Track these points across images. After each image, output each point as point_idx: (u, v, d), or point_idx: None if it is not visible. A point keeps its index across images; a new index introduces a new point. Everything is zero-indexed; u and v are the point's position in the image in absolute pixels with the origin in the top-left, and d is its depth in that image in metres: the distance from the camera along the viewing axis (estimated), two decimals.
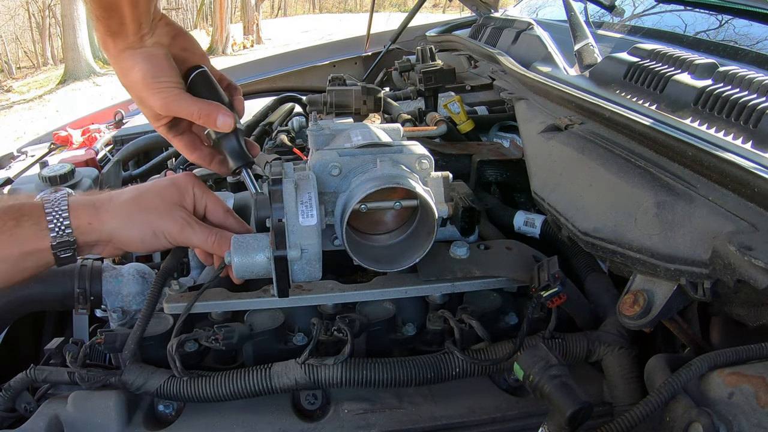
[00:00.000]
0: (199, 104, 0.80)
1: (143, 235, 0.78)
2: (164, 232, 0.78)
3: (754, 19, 1.13)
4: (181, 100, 0.79)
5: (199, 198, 0.84)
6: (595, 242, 0.76)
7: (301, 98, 1.96)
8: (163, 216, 0.78)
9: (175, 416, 0.80)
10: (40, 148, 2.11)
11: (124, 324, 0.85)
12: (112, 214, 0.77)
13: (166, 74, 0.79)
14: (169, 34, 0.81)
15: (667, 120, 0.84)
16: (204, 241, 0.79)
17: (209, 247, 0.79)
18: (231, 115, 0.82)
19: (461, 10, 5.79)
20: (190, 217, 0.80)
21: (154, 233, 0.78)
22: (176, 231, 0.78)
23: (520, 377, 0.62)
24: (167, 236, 0.78)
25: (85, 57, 13.86)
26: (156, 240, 0.78)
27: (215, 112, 0.81)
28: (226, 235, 0.80)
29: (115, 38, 0.76)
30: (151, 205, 0.79)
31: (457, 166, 1.27)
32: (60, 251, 0.73)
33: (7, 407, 0.81)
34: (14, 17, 20.81)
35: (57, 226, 0.73)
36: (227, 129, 0.82)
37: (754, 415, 0.53)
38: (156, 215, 0.78)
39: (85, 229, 0.75)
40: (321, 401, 0.81)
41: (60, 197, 0.75)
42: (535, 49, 1.50)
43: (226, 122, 0.81)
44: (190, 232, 0.79)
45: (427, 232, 0.79)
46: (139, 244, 0.78)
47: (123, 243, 0.78)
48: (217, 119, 0.81)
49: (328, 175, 0.80)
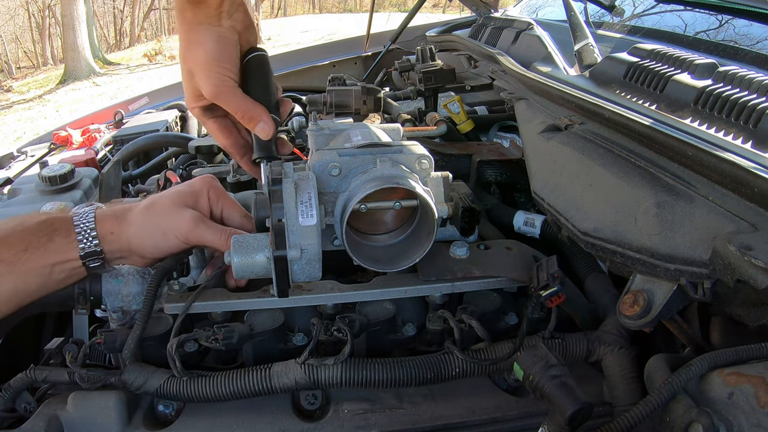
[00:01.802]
0: (246, 104, 0.81)
1: (154, 239, 0.79)
2: (174, 231, 0.79)
3: (754, 19, 1.13)
4: (232, 93, 0.80)
5: (214, 201, 0.85)
6: (595, 242, 0.76)
7: (301, 98, 1.96)
8: (173, 217, 0.79)
9: (175, 416, 0.80)
10: (40, 148, 2.11)
11: (124, 324, 0.85)
12: (129, 222, 0.80)
13: (229, 61, 0.80)
14: (244, 22, 0.82)
15: (667, 120, 0.84)
16: (217, 238, 0.80)
17: (222, 245, 0.80)
18: (272, 124, 0.83)
19: (461, 10, 5.79)
20: (201, 217, 0.81)
21: (164, 234, 0.79)
22: (187, 229, 0.79)
23: (520, 377, 0.62)
24: (177, 235, 0.79)
25: (85, 57, 13.86)
26: (167, 241, 0.79)
27: (258, 118, 0.81)
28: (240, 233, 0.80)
29: (196, 8, 0.77)
30: (162, 209, 0.80)
31: (457, 166, 1.27)
32: (89, 261, 0.77)
33: (7, 407, 0.81)
34: (14, 17, 20.82)
35: (85, 237, 0.76)
36: (265, 137, 0.83)
37: (754, 415, 0.53)
38: (165, 218, 0.79)
39: (109, 239, 0.78)
40: (321, 401, 0.81)
41: (88, 210, 0.79)
42: (535, 49, 1.50)
43: (265, 130, 0.82)
44: (203, 229, 0.79)
45: (427, 232, 0.79)
46: (153, 249, 0.80)
47: (139, 250, 0.80)
48: (257, 125, 0.81)
49: (328, 175, 0.80)
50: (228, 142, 0.88)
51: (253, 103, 0.81)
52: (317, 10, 24.32)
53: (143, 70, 14.58)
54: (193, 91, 0.83)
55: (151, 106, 2.47)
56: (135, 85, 11.85)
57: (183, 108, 2.24)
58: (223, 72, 0.79)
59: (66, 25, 13.62)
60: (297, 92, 2.16)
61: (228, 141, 0.87)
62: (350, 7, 23.53)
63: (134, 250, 0.80)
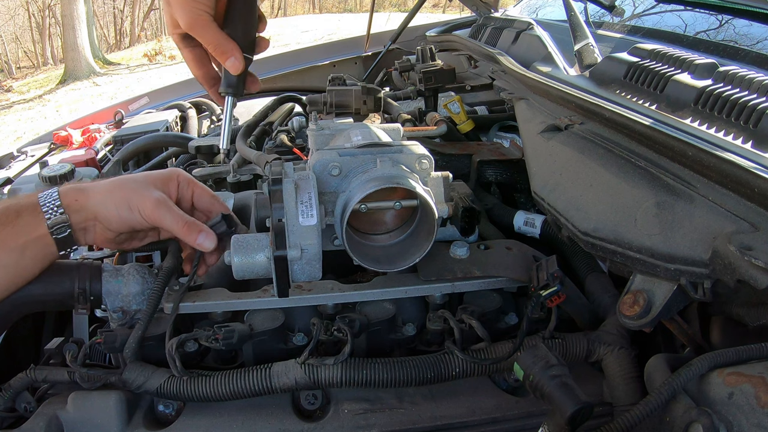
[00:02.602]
0: (219, 38, 0.83)
1: (120, 209, 0.80)
2: (139, 207, 0.80)
3: (754, 19, 1.13)
4: (206, 26, 0.82)
5: (184, 187, 0.88)
6: (595, 242, 0.76)
7: (301, 98, 1.96)
8: (140, 193, 0.81)
9: (175, 416, 0.80)
10: (40, 148, 2.11)
11: (124, 324, 0.85)
12: (96, 191, 0.82)
13: None
14: None
15: (667, 120, 0.84)
16: (175, 222, 0.81)
17: (178, 230, 0.81)
18: (241, 61, 0.85)
19: (461, 10, 5.79)
20: (167, 200, 0.83)
21: (129, 207, 0.81)
22: (150, 207, 0.80)
23: (520, 377, 0.62)
24: (141, 212, 0.81)
25: (85, 57, 13.85)
26: (131, 215, 0.81)
27: (229, 53, 0.84)
28: (197, 224, 0.82)
29: None
30: (132, 184, 0.83)
31: (457, 166, 1.27)
32: (55, 231, 0.77)
33: (7, 407, 0.81)
34: (14, 17, 20.81)
35: (49, 207, 0.78)
36: (233, 72, 0.86)
37: (754, 415, 0.53)
38: (134, 192, 0.82)
39: (74, 207, 0.79)
40: (321, 401, 0.81)
41: (53, 188, 0.81)
42: (535, 49, 1.50)
43: (234, 65, 0.85)
44: (163, 211, 0.81)
45: (427, 232, 0.79)
46: (118, 221, 0.81)
47: (103, 218, 0.81)
48: (228, 60, 0.84)
49: (328, 175, 0.80)
50: (200, 72, 0.90)
51: (225, 38, 0.83)
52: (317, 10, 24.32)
53: (143, 70, 14.57)
54: (170, 19, 0.85)
55: (151, 106, 2.47)
56: (135, 85, 11.85)
57: (183, 108, 2.24)
58: (197, 6, 0.81)
59: (66, 25, 13.61)
60: (297, 92, 2.15)
61: (200, 71, 0.90)
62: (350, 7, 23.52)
63: (100, 218, 0.81)
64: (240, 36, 0.85)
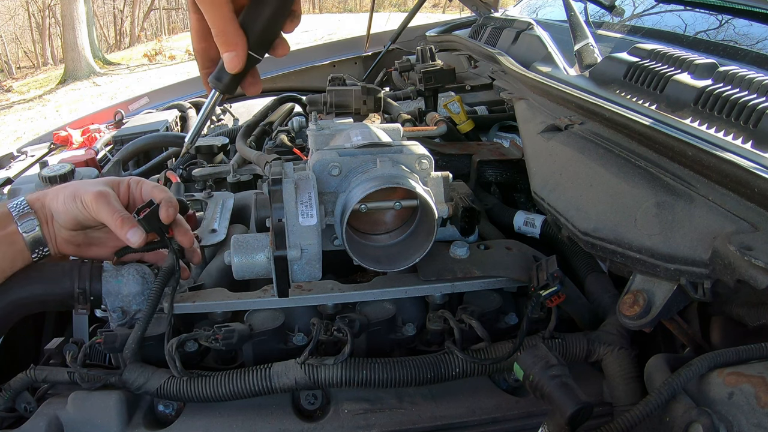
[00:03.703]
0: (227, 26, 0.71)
1: (67, 202, 0.83)
2: (82, 197, 0.82)
3: (754, 19, 1.13)
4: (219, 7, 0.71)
5: (134, 187, 0.90)
6: (595, 242, 0.76)
7: (301, 98, 1.96)
8: (86, 186, 0.84)
9: (175, 416, 0.80)
10: (40, 148, 2.11)
11: (124, 324, 0.85)
12: (52, 190, 0.86)
13: None
14: None
15: (667, 120, 0.84)
16: (110, 215, 0.82)
17: (112, 223, 0.82)
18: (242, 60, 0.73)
19: (461, 10, 5.79)
20: (110, 194, 0.84)
21: (73, 196, 0.83)
22: (90, 198, 0.82)
23: (520, 377, 0.62)
24: (84, 202, 0.82)
25: (85, 57, 13.85)
26: (75, 206, 0.83)
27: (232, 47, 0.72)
28: (131, 218, 0.83)
29: None
30: (83, 182, 0.86)
31: (457, 166, 1.28)
32: (24, 227, 0.81)
33: (7, 407, 0.81)
34: (14, 17, 20.81)
35: (17, 210, 0.83)
36: (228, 69, 0.74)
37: (754, 415, 0.53)
38: (81, 185, 0.85)
39: (37, 206, 0.84)
40: (321, 401, 0.81)
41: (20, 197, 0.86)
42: (535, 49, 1.50)
43: (232, 62, 0.74)
44: (102, 204, 0.82)
45: (427, 232, 0.79)
46: (64, 213, 0.83)
47: (55, 212, 0.84)
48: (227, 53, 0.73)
49: (328, 175, 0.80)
50: (200, 46, 0.79)
51: (234, 27, 0.71)
52: (317, 10, 24.33)
53: (143, 70, 14.57)
54: None
55: (151, 106, 2.47)
56: (135, 85, 11.85)
57: (183, 108, 2.24)
58: None
59: (66, 25, 13.60)
60: (297, 92, 2.16)
61: (200, 45, 0.79)
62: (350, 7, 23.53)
63: (55, 216, 0.84)
64: (255, 29, 0.72)
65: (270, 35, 0.73)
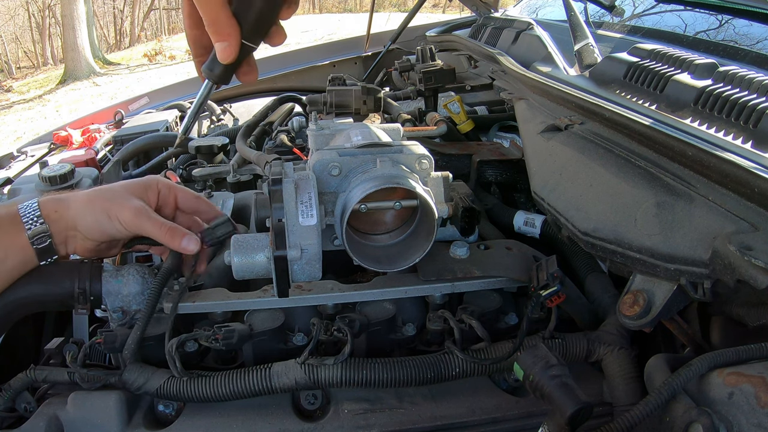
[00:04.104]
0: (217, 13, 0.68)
1: (100, 220, 0.80)
2: (119, 217, 0.80)
3: (754, 19, 1.13)
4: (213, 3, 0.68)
5: (165, 193, 0.87)
6: (595, 242, 0.76)
7: (301, 98, 1.96)
8: (119, 202, 0.81)
9: (175, 416, 0.80)
10: (40, 148, 2.11)
11: (124, 324, 0.85)
12: (74, 201, 0.81)
13: None
14: None
15: (667, 120, 0.84)
16: (156, 229, 0.81)
17: (161, 237, 0.81)
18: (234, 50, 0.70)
19: (461, 10, 5.79)
20: (146, 208, 0.82)
21: (108, 217, 0.80)
22: (130, 216, 0.80)
23: (520, 377, 0.62)
24: (122, 221, 0.80)
25: (85, 57, 13.85)
26: (111, 225, 0.80)
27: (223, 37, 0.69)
28: (179, 229, 0.82)
29: None
30: (111, 194, 0.82)
31: (457, 166, 1.27)
32: (36, 241, 0.78)
33: (7, 407, 0.81)
34: (14, 17, 20.81)
35: (29, 218, 0.78)
36: (221, 60, 0.71)
37: (754, 415, 0.53)
38: (112, 202, 0.81)
39: (53, 218, 0.79)
40: (321, 401, 0.81)
41: (32, 200, 0.81)
42: (535, 49, 1.50)
43: (224, 53, 0.71)
44: (144, 219, 0.81)
45: (427, 232, 0.79)
46: (98, 231, 0.81)
47: (83, 228, 0.80)
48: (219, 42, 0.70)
49: (328, 175, 0.80)
50: (193, 34, 0.75)
51: (226, 16, 0.68)
52: (317, 10, 24.33)
53: (143, 70, 14.57)
54: None
55: (151, 106, 2.47)
56: (135, 85, 11.85)
57: (183, 108, 2.24)
58: None
59: (66, 25, 13.60)
60: (297, 92, 2.15)
61: (193, 33, 0.75)
62: (350, 7, 23.53)
63: (80, 228, 0.80)
64: (249, 18, 0.68)
65: (265, 23, 0.70)
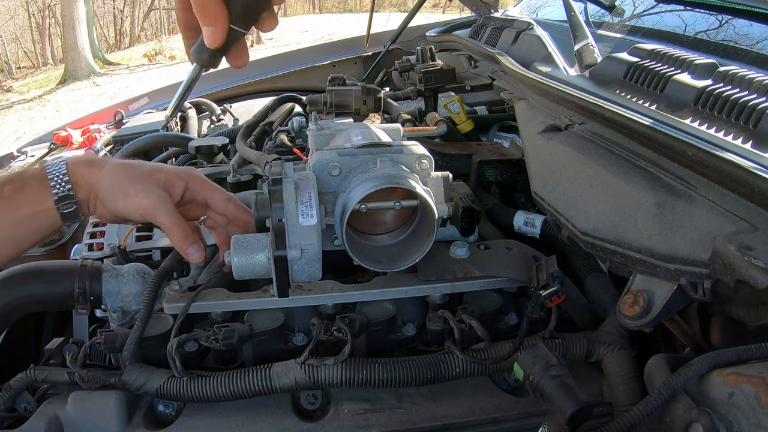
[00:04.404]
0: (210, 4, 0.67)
1: (117, 196, 0.79)
2: (135, 201, 0.79)
3: (754, 19, 1.13)
4: None
5: (195, 188, 0.85)
6: (595, 242, 0.76)
7: (301, 98, 1.96)
8: (142, 188, 0.79)
9: (175, 416, 0.80)
10: (40, 148, 2.12)
11: (124, 324, 0.85)
12: (102, 171, 0.80)
13: None
14: None
15: (667, 120, 0.84)
16: (170, 227, 0.80)
17: (172, 235, 0.80)
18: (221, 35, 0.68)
19: (461, 10, 5.79)
20: (166, 200, 0.81)
21: (125, 197, 0.79)
22: (146, 204, 0.79)
23: (520, 377, 0.62)
24: (136, 206, 0.79)
25: (85, 57, 13.85)
26: (125, 204, 0.79)
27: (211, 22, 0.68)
28: (191, 235, 0.81)
29: None
30: (138, 175, 0.80)
31: (457, 166, 1.27)
32: (62, 206, 0.77)
33: (7, 407, 0.81)
34: (14, 17, 20.82)
35: (58, 183, 0.77)
36: (207, 44, 0.70)
37: (754, 415, 0.53)
38: (135, 184, 0.79)
39: (80, 183, 0.78)
40: (321, 401, 0.81)
41: (59, 159, 0.79)
42: (535, 49, 1.50)
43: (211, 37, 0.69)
44: (160, 212, 0.79)
45: (427, 232, 0.79)
46: (114, 208, 0.80)
47: (104, 200, 0.80)
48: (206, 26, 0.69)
49: (328, 175, 0.80)
50: (184, 15, 0.73)
51: (216, 2, 0.67)
52: (317, 10, 24.31)
53: (143, 70, 14.57)
54: None
55: (151, 106, 2.47)
56: (135, 85, 11.84)
57: (183, 108, 2.24)
58: None
59: (66, 25, 13.60)
60: (297, 92, 2.15)
61: (184, 15, 0.73)
62: (350, 7, 23.52)
63: (99, 196, 0.80)
64: (237, 2, 0.67)
65: (254, 8, 0.69)
